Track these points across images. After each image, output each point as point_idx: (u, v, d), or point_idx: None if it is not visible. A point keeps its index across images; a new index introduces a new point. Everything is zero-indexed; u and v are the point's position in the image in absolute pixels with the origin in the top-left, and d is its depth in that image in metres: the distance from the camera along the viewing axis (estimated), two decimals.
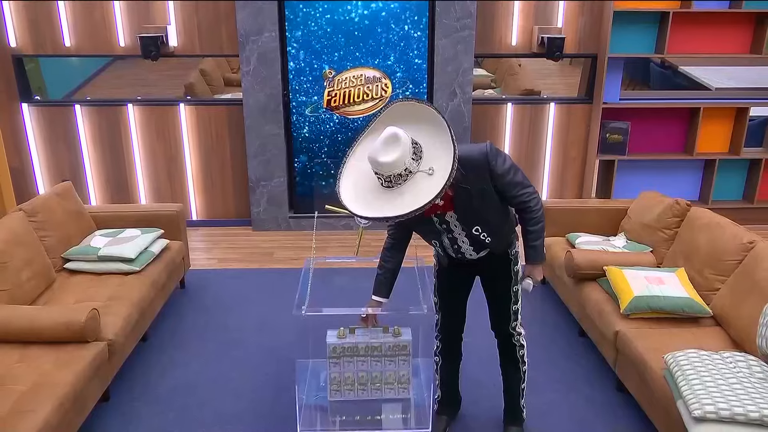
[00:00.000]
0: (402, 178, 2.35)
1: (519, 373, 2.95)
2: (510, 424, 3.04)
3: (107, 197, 5.68)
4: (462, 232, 2.66)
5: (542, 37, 5.24)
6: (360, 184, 2.46)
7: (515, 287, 2.82)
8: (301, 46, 5.16)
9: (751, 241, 3.29)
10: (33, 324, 3.08)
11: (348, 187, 2.47)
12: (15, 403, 2.65)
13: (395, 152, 2.31)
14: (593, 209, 4.47)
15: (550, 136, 5.65)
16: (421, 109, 2.43)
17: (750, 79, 6.81)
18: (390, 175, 2.34)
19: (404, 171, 2.34)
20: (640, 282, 3.42)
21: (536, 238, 2.68)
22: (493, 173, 2.52)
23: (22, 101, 5.38)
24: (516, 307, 2.85)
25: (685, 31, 5.24)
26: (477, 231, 2.65)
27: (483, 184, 2.53)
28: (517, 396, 2.99)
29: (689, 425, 2.50)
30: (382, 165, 2.32)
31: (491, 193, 2.57)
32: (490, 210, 2.62)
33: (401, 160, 2.32)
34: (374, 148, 2.34)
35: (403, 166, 2.33)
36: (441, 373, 3.09)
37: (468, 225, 2.64)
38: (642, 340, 3.16)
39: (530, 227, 2.67)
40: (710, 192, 5.66)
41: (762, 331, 2.85)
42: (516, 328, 2.88)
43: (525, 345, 2.93)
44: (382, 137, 2.34)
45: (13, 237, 3.49)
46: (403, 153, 2.32)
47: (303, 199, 5.60)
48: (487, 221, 2.64)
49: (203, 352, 3.76)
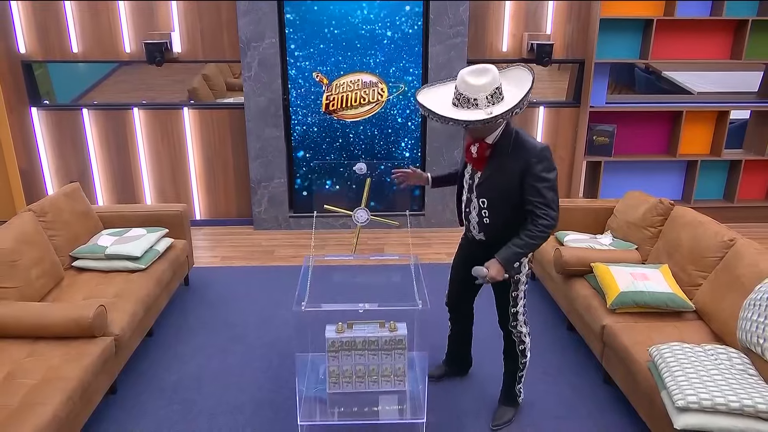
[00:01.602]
0: (469, 104, 2.48)
1: (517, 363, 3.06)
2: (504, 404, 3.16)
3: (114, 198, 5.67)
4: (475, 197, 2.74)
5: (532, 43, 5.25)
6: (435, 102, 2.59)
7: (514, 292, 2.88)
8: (301, 53, 5.15)
9: (732, 238, 3.30)
10: (42, 320, 3.07)
11: (426, 102, 2.59)
12: (25, 396, 2.64)
13: (484, 78, 2.46)
14: (581, 208, 4.47)
15: (539, 138, 5.66)
16: (515, 70, 2.64)
17: (730, 84, 6.84)
18: (470, 98, 2.46)
19: (473, 99, 2.47)
20: (625, 278, 3.43)
21: (520, 245, 2.63)
22: (530, 169, 2.57)
23: (32, 105, 5.37)
24: (515, 310, 2.93)
25: (668, 38, 5.25)
26: (483, 203, 2.73)
27: (517, 170, 2.58)
28: (514, 381, 3.11)
29: (672, 415, 2.51)
30: (470, 85, 2.45)
31: (516, 187, 2.62)
32: (505, 196, 2.67)
33: (486, 87, 2.45)
34: (466, 70, 2.49)
35: (477, 95, 2.46)
36: (449, 335, 3.38)
37: (481, 192, 2.71)
38: (627, 333, 3.17)
39: (523, 236, 2.62)
40: (692, 192, 5.68)
41: (742, 324, 2.86)
42: (517, 327, 2.97)
43: (526, 342, 3.02)
44: (475, 67, 2.51)
45: (23, 236, 3.48)
46: (489, 83, 2.46)
47: (302, 199, 5.60)
48: (495, 201, 2.69)
49: (207, 347, 3.76)
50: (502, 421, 3.09)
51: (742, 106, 5.62)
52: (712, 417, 2.43)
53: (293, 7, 5.03)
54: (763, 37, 5.22)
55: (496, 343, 3.14)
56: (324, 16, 5.06)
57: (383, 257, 4.32)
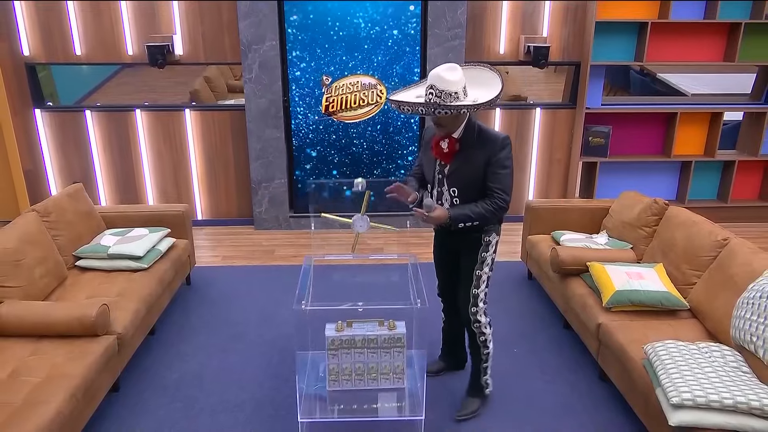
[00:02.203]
0: (450, 98, 2.59)
1: (480, 355, 3.08)
2: (470, 395, 3.16)
3: (116, 198, 5.66)
4: (446, 189, 2.85)
5: (528, 46, 5.25)
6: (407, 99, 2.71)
7: (478, 271, 2.91)
8: (301, 55, 5.15)
9: (725, 238, 3.31)
10: (46, 319, 3.07)
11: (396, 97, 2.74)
12: (29, 394, 2.64)
13: (455, 75, 2.60)
14: (577, 208, 4.48)
15: (536, 140, 5.66)
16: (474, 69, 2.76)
17: (723, 86, 6.85)
18: (442, 91, 2.57)
19: (454, 93, 2.58)
20: (621, 277, 3.43)
21: (473, 212, 2.76)
22: (493, 157, 2.72)
23: (35, 107, 5.36)
24: (476, 291, 2.94)
25: (662, 41, 5.26)
26: (453, 192, 2.84)
27: (483, 159, 2.73)
28: (479, 373, 3.12)
29: (667, 412, 2.51)
30: (443, 79, 2.56)
31: (482, 174, 2.75)
32: (473, 184, 2.78)
33: (457, 83, 2.59)
34: (438, 68, 2.61)
35: (456, 89, 2.58)
36: (443, 327, 3.40)
37: (450, 184, 2.83)
38: (623, 331, 3.17)
39: (480, 206, 2.76)
40: (687, 192, 5.68)
41: (735, 322, 2.87)
42: (477, 314, 2.97)
43: (487, 333, 3.03)
44: (444, 66, 2.63)
45: (26, 236, 3.47)
46: (461, 79, 2.61)
47: (302, 199, 5.60)
48: (465, 190, 2.81)
49: (208, 345, 3.76)
50: (467, 412, 3.09)
51: (736, 107, 5.62)
52: (706, 414, 2.43)
53: (293, 10, 5.03)
54: (755, 40, 5.23)
55: None
56: (324, 19, 5.06)
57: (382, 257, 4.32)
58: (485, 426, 3.05)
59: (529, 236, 4.48)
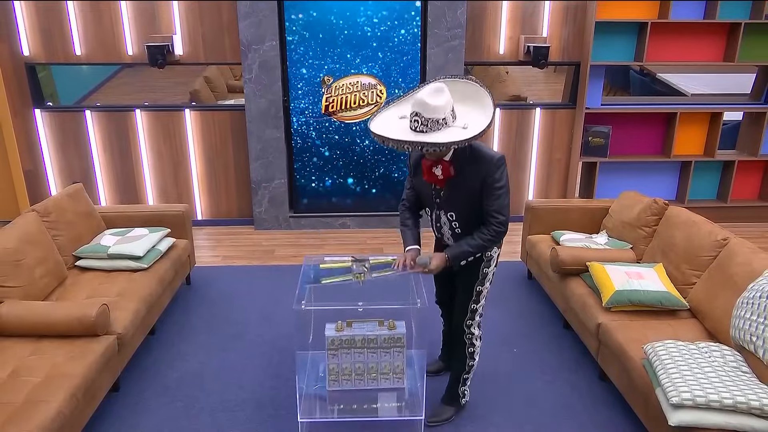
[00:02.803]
0: (438, 125, 2.43)
1: (464, 365, 3.00)
2: (446, 403, 3.09)
3: (116, 198, 5.66)
4: (443, 213, 2.75)
5: (528, 46, 5.25)
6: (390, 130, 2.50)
7: (479, 286, 2.84)
8: (301, 55, 5.15)
9: (725, 238, 3.31)
10: (46, 319, 3.07)
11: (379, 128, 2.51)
12: (29, 393, 2.64)
13: (441, 99, 2.41)
14: (577, 208, 4.48)
15: (536, 140, 5.66)
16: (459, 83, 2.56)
17: (723, 86, 6.85)
18: (430, 119, 2.41)
19: (442, 119, 2.42)
20: (620, 277, 3.43)
21: (471, 245, 2.68)
22: (489, 177, 2.58)
23: (35, 107, 5.36)
24: (475, 306, 2.87)
25: (662, 41, 5.26)
26: (452, 217, 2.74)
27: (478, 180, 2.59)
28: (458, 383, 3.05)
29: (667, 411, 2.51)
30: (429, 106, 2.39)
31: (479, 195, 2.63)
32: (471, 206, 2.67)
33: (444, 108, 2.41)
34: (423, 92, 2.42)
35: (443, 114, 2.42)
36: (443, 330, 3.34)
37: (447, 208, 2.72)
38: (623, 331, 3.17)
39: (477, 236, 2.68)
40: (686, 192, 5.68)
41: (735, 322, 2.87)
42: (471, 327, 2.90)
43: (476, 345, 2.96)
44: (429, 88, 2.44)
45: (26, 236, 3.47)
46: (447, 103, 2.43)
47: (302, 199, 5.60)
48: (462, 213, 2.71)
49: (208, 345, 3.76)
50: (439, 419, 3.03)
51: (735, 107, 5.62)
52: (705, 414, 2.43)
53: (292, 10, 5.03)
54: (755, 40, 5.23)
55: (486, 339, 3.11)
56: (324, 19, 5.06)
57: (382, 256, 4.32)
58: (485, 425, 3.05)
59: (529, 236, 4.48)
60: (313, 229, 5.63)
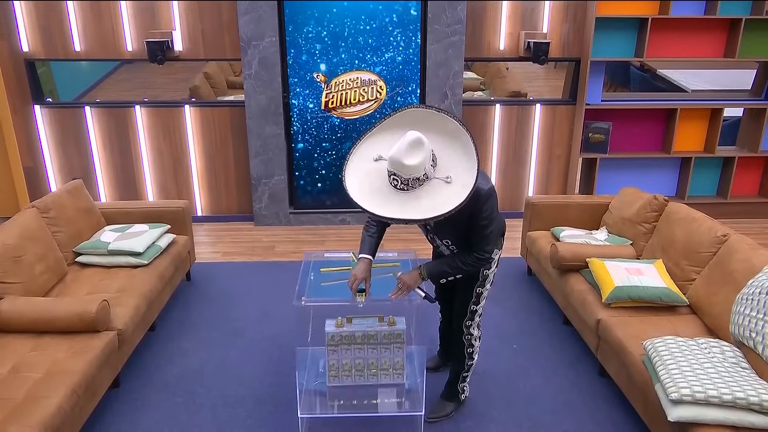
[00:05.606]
0: (419, 182, 2.29)
1: (463, 364, 3.01)
2: (446, 399, 3.10)
3: (116, 194, 5.66)
4: (437, 237, 2.74)
5: (528, 42, 5.24)
6: (366, 185, 2.36)
7: (479, 288, 2.83)
8: (300, 51, 5.14)
9: (725, 234, 3.31)
10: (46, 315, 3.07)
11: (355, 186, 2.35)
12: (30, 389, 2.65)
13: (419, 156, 2.24)
14: (576, 204, 4.48)
15: (536, 136, 5.66)
16: (436, 117, 2.37)
17: (724, 82, 6.85)
18: (409, 179, 2.27)
19: (423, 176, 2.28)
20: (620, 273, 3.43)
21: (451, 267, 2.66)
22: (476, 209, 2.50)
23: (35, 103, 5.35)
24: (474, 307, 2.87)
25: (663, 36, 5.25)
26: (447, 243, 2.73)
27: (467, 214, 2.48)
28: (457, 380, 3.05)
29: (666, 407, 2.52)
30: (406, 167, 2.24)
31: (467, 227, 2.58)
32: (464, 231, 2.62)
33: (423, 165, 2.25)
34: (398, 150, 2.25)
35: (423, 171, 2.27)
36: (440, 327, 3.32)
37: (441, 235, 2.71)
38: (622, 327, 3.18)
39: (458, 260, 2.64)
40: (686, 188, 5.68)
41: (735, 318, 2.87)
42: (471, 328, 2.90)
43: (475, 345, 2.97)
44: (407, 140, 2.25)
45: (26, 232, 3.48)
46: (426, 158, 2.26)
47: (302, 195, 5.60)
48: (457, 238, 2.68)
49: (208, 341, 3.76)
50: (439, 414, 3.04)
51: (736, 103, 5.61)
52: (705, 409, 2.44)
53: (292, 6, 5.02)
54: (756, 36, 5.22)
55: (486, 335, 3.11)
56: (324, 15, 5.05)
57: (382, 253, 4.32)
58: (485, 421, 3.06)
59: (529, 232, 4.48)
60: (313, 225, 5.63)
